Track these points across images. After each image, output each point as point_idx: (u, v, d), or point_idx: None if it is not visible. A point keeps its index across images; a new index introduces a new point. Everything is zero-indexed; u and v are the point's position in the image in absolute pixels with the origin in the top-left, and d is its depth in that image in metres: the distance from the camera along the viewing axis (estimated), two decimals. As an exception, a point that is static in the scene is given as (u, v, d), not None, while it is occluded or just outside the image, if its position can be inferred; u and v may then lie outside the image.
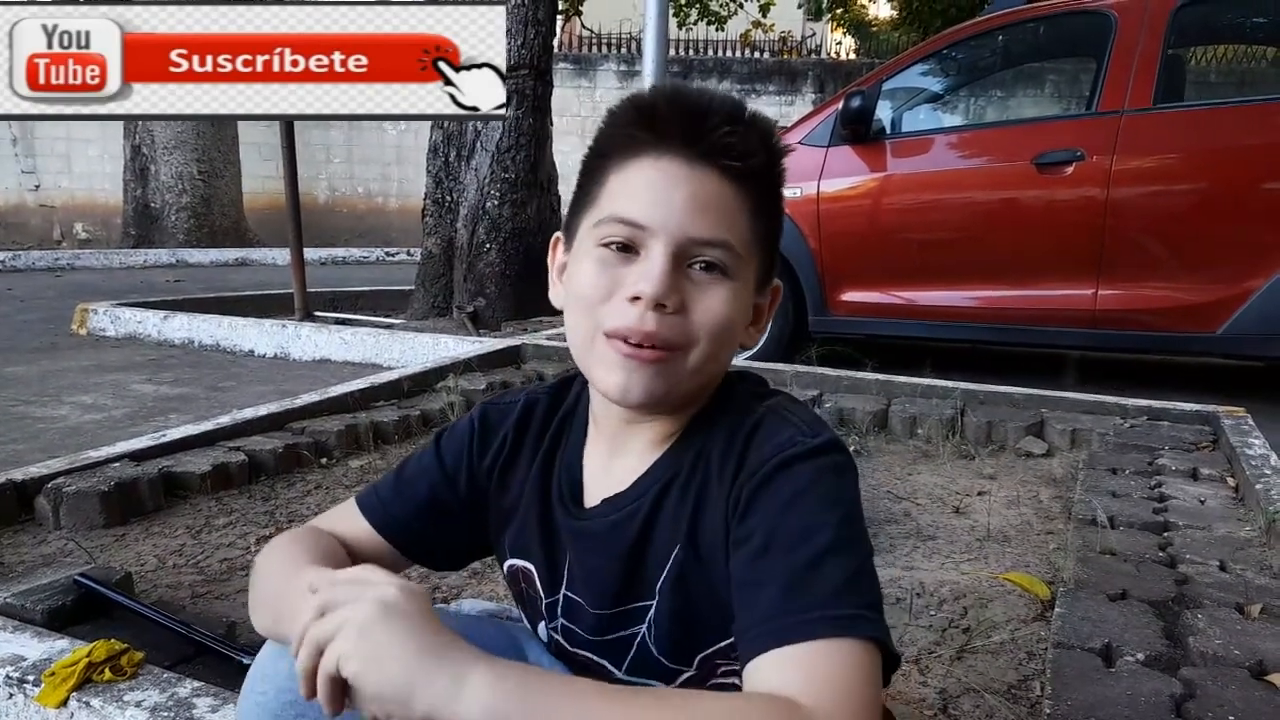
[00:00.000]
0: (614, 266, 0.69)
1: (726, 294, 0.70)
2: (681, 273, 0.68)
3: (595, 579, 0.76)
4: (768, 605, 0.60)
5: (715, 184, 0.69)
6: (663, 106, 0.70)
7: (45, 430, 2.78)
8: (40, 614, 1.38)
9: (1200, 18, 3.94)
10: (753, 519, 0.65)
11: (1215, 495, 2.13)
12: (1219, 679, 1.26)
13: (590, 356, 0.71)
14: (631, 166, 0.70)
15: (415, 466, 0.84)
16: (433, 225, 4.95)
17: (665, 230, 0.68)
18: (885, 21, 16.27)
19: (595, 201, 0.72)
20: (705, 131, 0.68)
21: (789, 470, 0.66)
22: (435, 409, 2.79)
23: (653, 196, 0.68)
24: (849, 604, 0.59)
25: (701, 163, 0.68)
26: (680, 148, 0.68)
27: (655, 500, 0.73)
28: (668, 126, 0.69)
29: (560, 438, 0.82)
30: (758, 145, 0.71)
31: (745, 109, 0.72)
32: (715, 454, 0.71)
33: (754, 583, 0.63)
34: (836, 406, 2.91)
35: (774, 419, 0.71)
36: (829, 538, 0.62)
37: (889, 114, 4.14)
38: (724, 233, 0.69)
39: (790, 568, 0.61)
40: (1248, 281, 3.38)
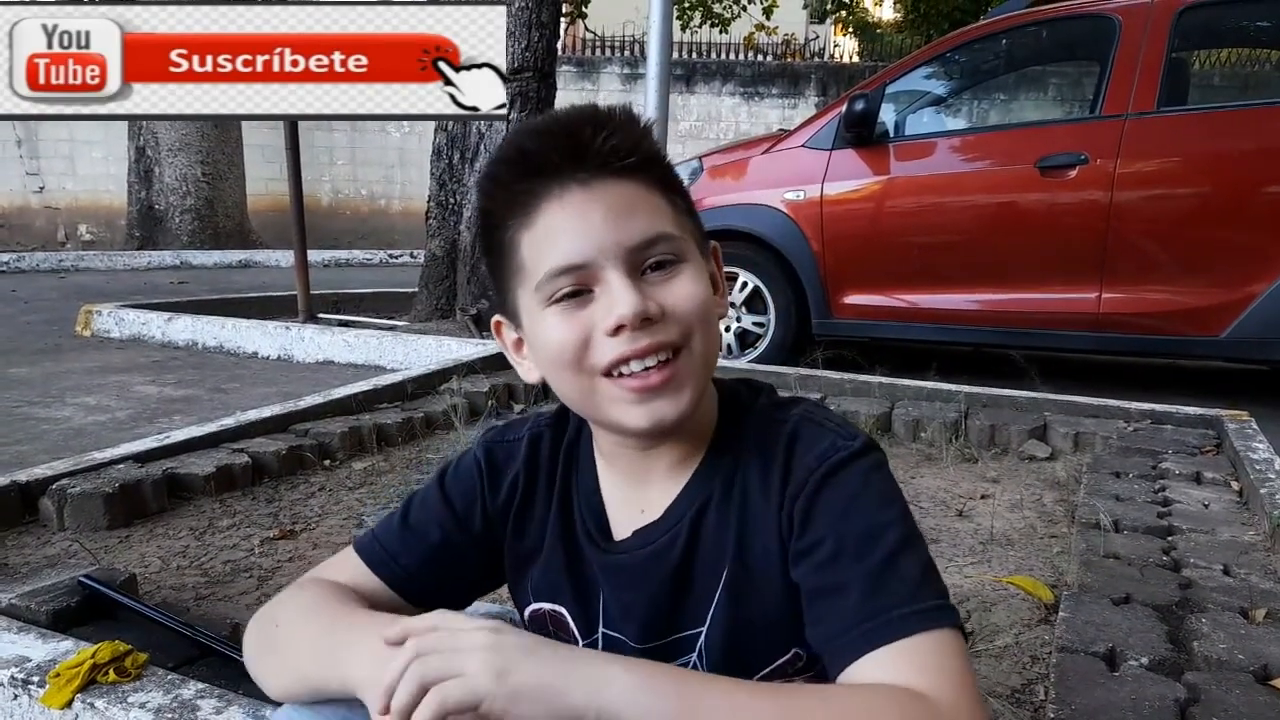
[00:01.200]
0: (576, 313, 0.67)
1: (689, 276, 0.69)
2: (641, 282, 0.67)
3: (636, 612, 0.74)
4: (854, 610, 0.62)
5: (620, 188, 0.67)
6: (532, 149, 0.68)
7: (49, 432, 2.79)
8: (45, 615, 1.39)
9: (1204, 21, 3.94)
10: (815, 529, 0.66)
11: (1219, 499, 2.13)
12: (1223, 683, 1.26)
13: (597, 405, 0.70)
14: (538, 219, 0.68)
15: (420, 512, 0.81)
16: (436, 228, 4.95)
17: (605, 255, 0.66)
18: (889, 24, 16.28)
19: (521, 269, 0.69)
20: (583, 149, 0.67)
21: (839, 476, 0.66)
22: (438, 411, 2.79)
23: (574, 234, 0.66)
24: (931, 595, 0.62)
25: (597, 177, 0.67)
26: (570, 176, 0.67)
27: (693, 525, 0.72)
28: (548, 164, 0.67)
29: (570, 471, 0.80)
30: (636, 134, 0.70)
31: (610, 111, 0.70)
32: (753, 471, 0.71)
33: (831, 589, 0.63)
34: (840, 410, 2.91)
35: (809, 427, 0.70)
36: (897, 534, 0.64)
37: (893, 117, 4.14)
38: (654, 226, 0.68)
39: (867, 570, 0.62)
40: (1252, 285, 3.38)
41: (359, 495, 2.17)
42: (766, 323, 4.09)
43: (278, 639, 0.73)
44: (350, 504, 2.10)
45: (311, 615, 0.72)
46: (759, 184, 4.15)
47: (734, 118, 11.46)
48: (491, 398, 2.96)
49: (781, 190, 4.04)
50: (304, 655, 0.70)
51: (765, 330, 4.10)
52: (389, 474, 2.34)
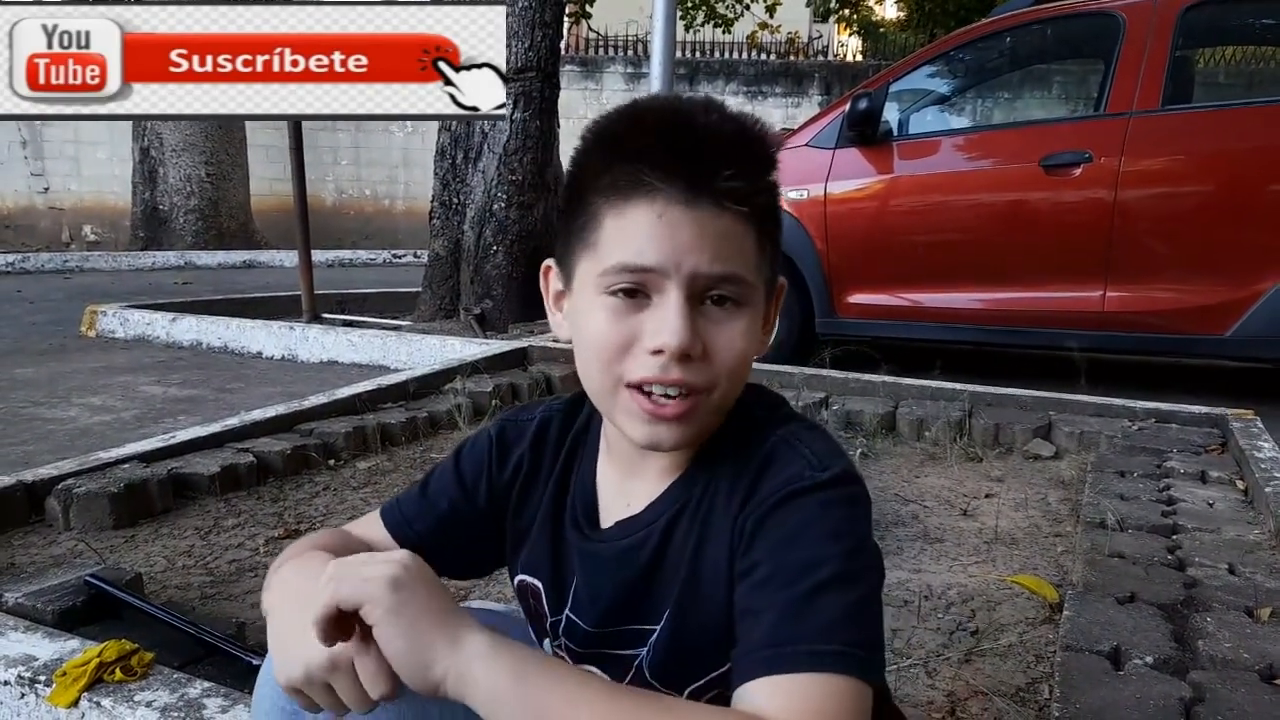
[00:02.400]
0: (627, 316, 0.67)
1: (744, 325, 0.68)
2: (697, 312, 0.67)
3: (599, 600, 0.76)
4: (761, 634, 0.61)
5: (720, 222, 0.66)
6: (658, 145, 0.66)
7: (55, 432, 2.79)
8: (51, 614, 1.39)
9: (1208, 19, 3.93)
10: (757, 551, 0.66)
11: (1224, 498, 2.12)
12: (1228, 682, 1.26)
13: (612, 405, 0.70)
14: (630, 211, 0.66)
15: (437, 482, 0.84)
16: (440, 227, 4.96)
17: (676, 272, 0.65)
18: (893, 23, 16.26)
19: (594, 245, 0.68)
20: (707, 176, 0.65)
21: (794, 504, 0.66)
22: (442, 411, 2.79)
23: (657, 242, 0.65)
24: (842, 640, 0.60)
25: (705, 203, 0.65)
26: (681, 192, 0.65)
27: (666, 528, 0.73)
28: (666, 170, 0.65)
29: (574, 457, 0.81)
30: (761, 182, 0.69)
31: (747, 137, 0.68)
32: (724, 484, 0.71)
33: (753, 612, 0.63)
34: (844, 409, 2.91)
35: (785, 450, 0.70)
36: (830, 571, 0.62)
37: (896, 116, 4.14)
38: (733, 266, 0.67)
39: (788, 599, 0.62)
40: (1257, 283, 3.37)
41: (363, 495, 2.17)
42: (771, 322, 4.09)
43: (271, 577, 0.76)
44: (355, 503, 2.11)
45: (299, 550, 0.76)
46: (763, 183, 4.14)
47: (737, 117, 11.45)
48: (495, 397, 2.96)
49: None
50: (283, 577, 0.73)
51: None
52: (393, 474, 2.34)
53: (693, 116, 0.67)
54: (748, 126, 0.69)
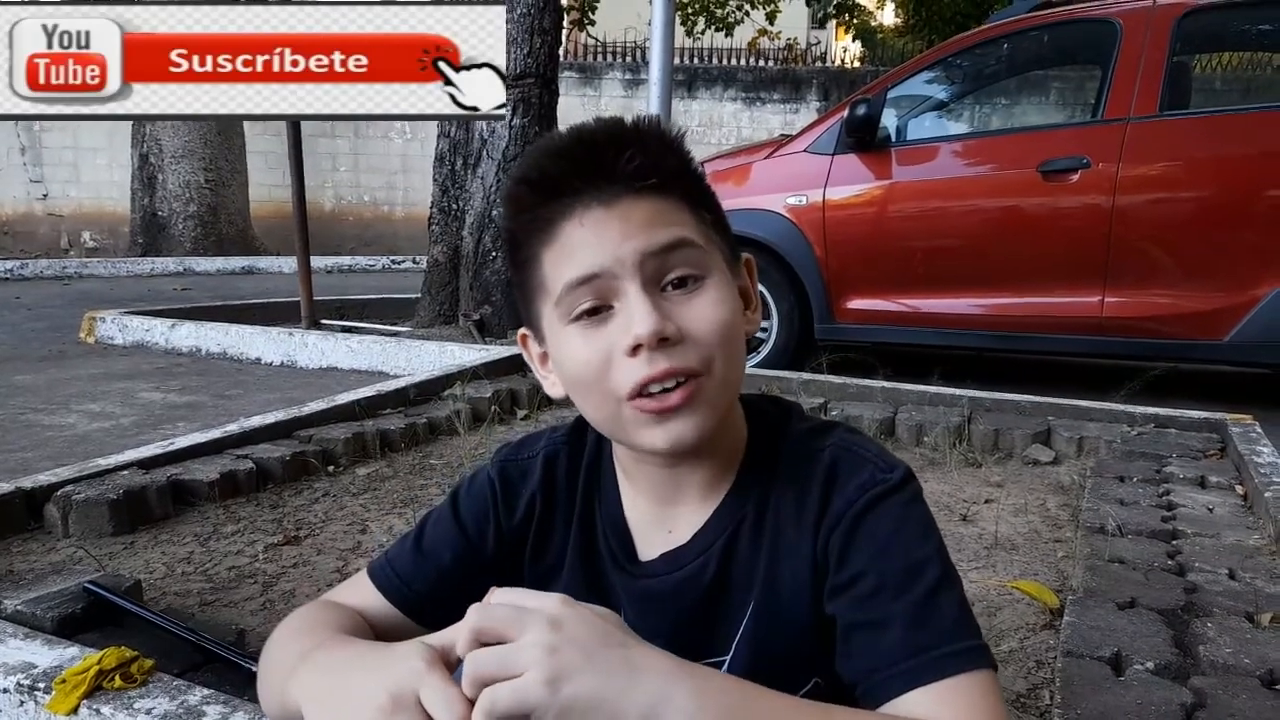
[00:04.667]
0: (596, 332, 0.66)
1: (712, 294, 0.67)
2: (660, 298, 0.66)
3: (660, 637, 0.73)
4: (894, 646, 0.61)
5: (642, 205, 0.66)
6: (553, 172, 0.67)
7: (54, 438, 2.79)
8: (50, 621, 1.39)
9: (1205, 25, 3.94)
10: (855, 563, 0.65)
11: (1224, 503, 2.12)
12: (1229, 688, 1.26)
13: (622, 428, 0.69)
14: (557, 234, 0.67)
15: (433, 535, 0.80)
16: (439, 233, 4.96)
17: (621, 264, 0.65)
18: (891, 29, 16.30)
19: (543, 285, 0.69)
20: (606, 170, 0.65)
21: (878, 509, 0.66)
22: (442, 417, 2.79)
23: (590, 247, 0.65)
24: (969, 635, 0.62)
25: (620, 197, 0.66)
26: (592, 197, 0.65)
27: (725, 551, 0.71)
28: (572, 183, 0.66)
29: (592, 491, 0.78)
30: (662, 149, 0.68)
31: (636, 125, 0.69)
32: (788, 500, 0.70)
33: (872, 624, 0.63)
34: (843, 415, 2.91)
35: (847, 458, 0.69)
36: (937, 571, 0.63)
37: (894, 122, 4.15)
38: (676, 232, 0.66)
39: (907, 607, 0.62)
40: (1255, 289, 3.38)
41: (363, 501, 2.17)
42: (769, 327, 4.10)
43: (268, 659, 0.73)
44: (354, 510, 2.11)
45: (296, 638, 0.71)
46: (761, 189, 4.15)
47: (736, 123, 11.48)
48: (495, 403, 2.96)
49: (784, 195, 4.05)
50: (281, 677, 0.68)
51: (768, 335, 4.10)
52: (392, 480, 2.34)
53: (580, 130, 0.68)
54: (636, 119, 0.70)
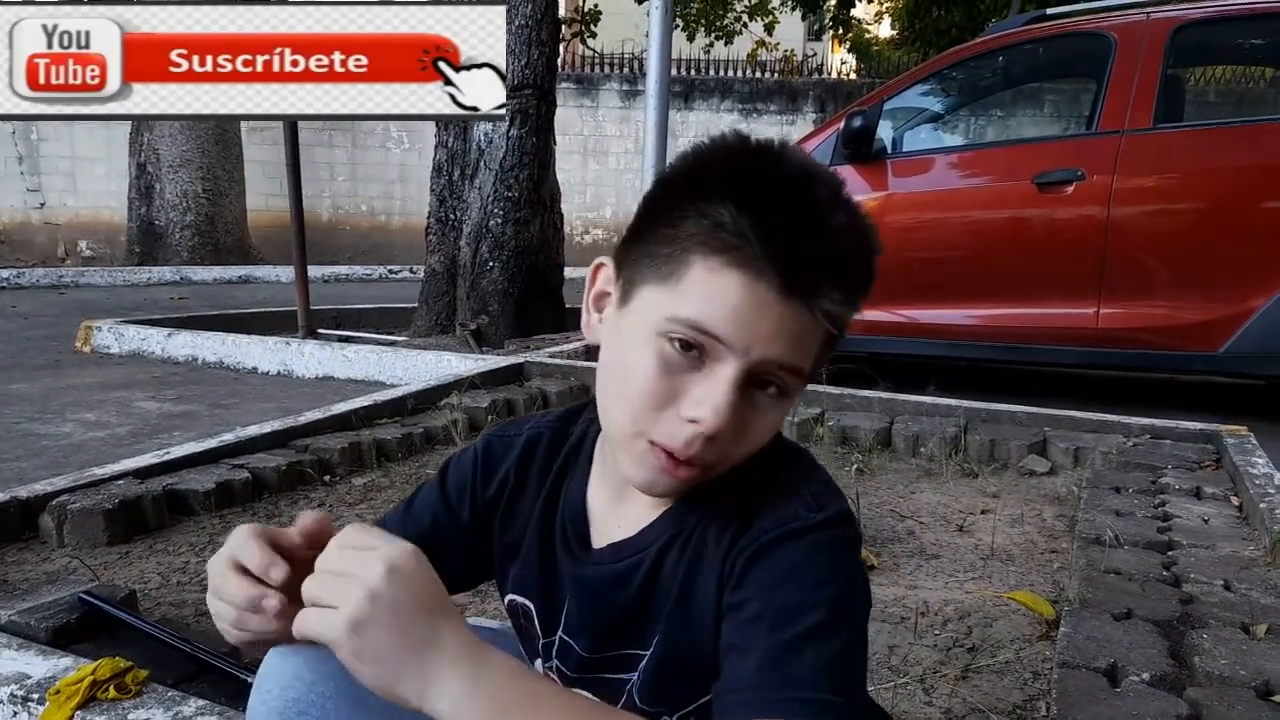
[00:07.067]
0: (676, 371, 0.65)
1: (781, 413, 0.69)
2: (743, 393, 0.65)
3: (592, 623, 0.76)
4: (747, 675, 0.62)
5: (802, 322, 0.64)
6: (783, 229, 0.62)
7: (49, 447, 2.79)
8: (45, 632, 1.38)
9: (1199, 39, 3.97)
10: (748, 587, 0.66)
11: (1219, 514, 2.13)
12: (1225, 699, 1.26)
13: (624, 447, 0.69)
14: (725, 272, 0.63)
15: (421, 498, 0.84)
16: (436, 243, 4.97)
17: (743, 353, 0.63)
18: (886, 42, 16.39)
19: (672, 280, 0.65)
20: (813, 286, 0.64)
21: (786, 544, 0.66)
22: (438, 426, 2.79)
23: (740, 319, 0.63)
24: (825, 689, 0.60)
25: (799, 303, 0.64)
26: (781, 283, 0.63)
27: (659, 553, 0.73)
28: (780, 258, 0.62)
29: (563, 475, 0.81)
30: (855, 302, 0.68)
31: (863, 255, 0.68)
32: (718, 518, 0.71)
33: (739, 648, 0.64)
34: (839, 425, 2.91)
35: (782, 489, 0.70)
36: (817, 619, 0.62)
37: (890, 133, 4.16)
38: (801, 360, 0.66)
39: (774, 644, 0.62)
40: (1249, 300, 3.39)
41: (359, 511, 2.17)
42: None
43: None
44: (350, 520, 2.10)
45: None
46: (758, 200, 4.16)
47: (732, 134, 11.52)
48: (492, 413, 2.96)
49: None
50: None
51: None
52: (389, 489, 2.34)
53: (826, 214, 0.65)
54: (867, 241, 0.68)
